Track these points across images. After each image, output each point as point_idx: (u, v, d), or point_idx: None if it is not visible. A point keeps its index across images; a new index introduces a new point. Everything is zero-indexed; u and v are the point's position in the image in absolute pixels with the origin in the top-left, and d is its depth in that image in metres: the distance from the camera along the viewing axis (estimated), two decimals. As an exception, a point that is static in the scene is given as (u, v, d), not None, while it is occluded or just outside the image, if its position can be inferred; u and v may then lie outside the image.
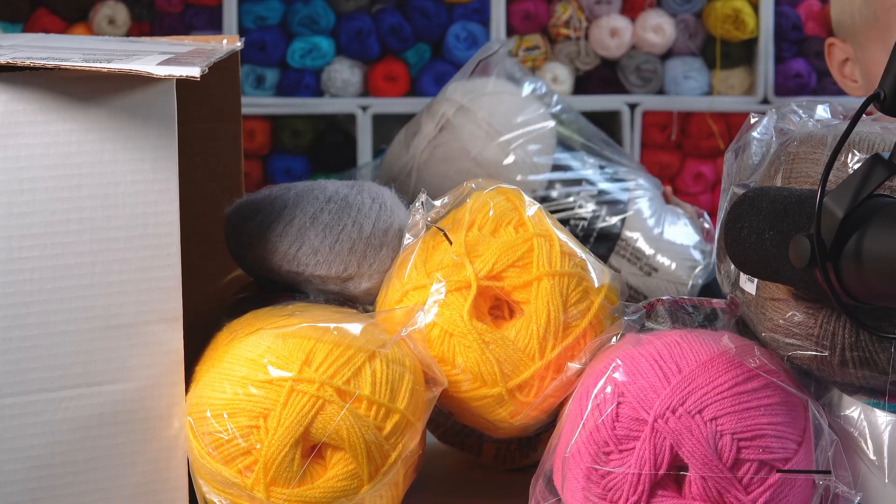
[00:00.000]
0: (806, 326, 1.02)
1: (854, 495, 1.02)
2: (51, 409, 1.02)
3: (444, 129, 1.51)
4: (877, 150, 0.99)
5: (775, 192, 0.99)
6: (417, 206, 1.16)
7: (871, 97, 0.93)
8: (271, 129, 3.45)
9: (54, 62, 0.98)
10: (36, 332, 1.01)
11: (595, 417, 1.01)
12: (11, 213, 1.00)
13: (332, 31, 3.40)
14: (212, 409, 1.04)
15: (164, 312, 1.05)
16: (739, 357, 1.03)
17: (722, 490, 0.99)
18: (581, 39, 3.22)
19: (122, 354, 1.04)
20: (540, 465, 1.07)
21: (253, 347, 1.05)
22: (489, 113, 1.52)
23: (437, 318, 1.09)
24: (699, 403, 1.00)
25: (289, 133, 3.45)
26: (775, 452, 0.99)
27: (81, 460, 1.04)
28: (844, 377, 1.03)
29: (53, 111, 1.00)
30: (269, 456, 1.02)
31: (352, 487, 1.03)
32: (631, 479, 0.99)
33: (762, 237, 0.97)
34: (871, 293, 0.92)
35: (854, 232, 0.91)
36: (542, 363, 1.08)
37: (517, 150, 1.49)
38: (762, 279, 1.04)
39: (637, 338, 1.07)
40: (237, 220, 1.19)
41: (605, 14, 3.21)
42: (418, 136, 1.53)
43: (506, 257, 1.10)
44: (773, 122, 1.12)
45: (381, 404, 1.04)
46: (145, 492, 1.07)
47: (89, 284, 1.02)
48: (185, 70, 0.98)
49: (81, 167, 1.01)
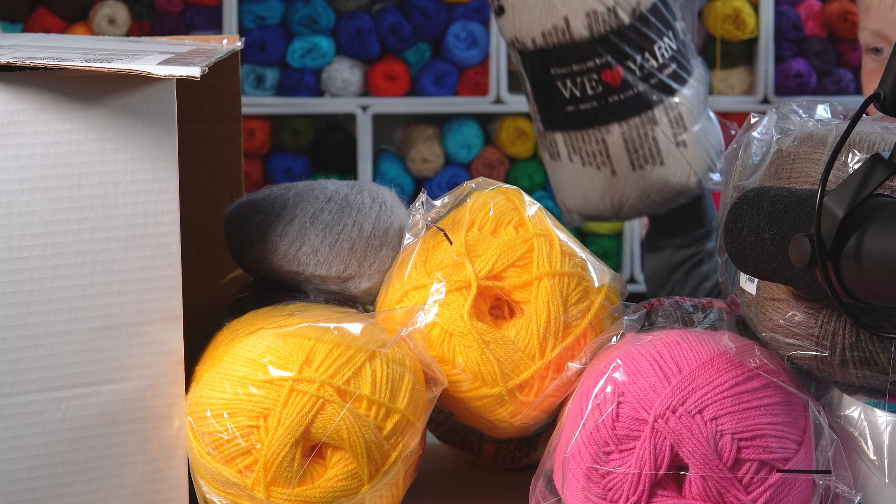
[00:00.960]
0: (806, 326, 1.02)
1: (854, 495, 1.02)
2: (51, 408, 1.03)
3: None
4: (877, 150, 0.99)
5: (775, 191, 0.99)
6: (417, 206, 1.16)
7: (872, 97, 0.93)
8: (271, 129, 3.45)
9: (55, 62, 0.98)
10: (36, 332, 1.01)
11: (595, 417, 1.01)
12: (11, 213, 1.00)
13: (332, 31, 3.40)
14: (212, 408, 1.04)
15: (164, 312, 1.05)
16: (739, 357, 1.03)
17: (722, 490, 0.99)
18: (581, 38, 3.22)
19: (122, 354, 1.04)
20: (540, 464, 1.07)
21: (253, 347, 1.05)
22: None
23: (437, 318, 1.09)
24: (699, 403, 1.00)
25: (289, 133, 3.45)
26: (775, 452, 0.99)
27: (82, 459, 1.04)
28: (845, 377, 1.03)
29: (54, 111, 1.00)
30: (269, 456, 1.02)
31: (352, 487, 1.03)
32: (631, 478, 0.99)
33: (762, 237, 0.97)
34: (872, 293, 0.92)
35: (854, 232, 0.91)
36: (542, 363, 1.08)
37: None
38: (762, 279, 1.04)
39: (637, 337, 1.07)
40: (237, 219, 1.19)
41: (605, 13, 3.22)
42: None
43: (506, 257, 1.10)
44: (773, 122, 1.12)
45: (382, 404, 1.04)
46: (145, 491, 1.07)
47: (89, 284, 1.02)
48: (185, 70, 0.98)
49: (81, 167, 1.01)
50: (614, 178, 1.52)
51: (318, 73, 3.41)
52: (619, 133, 1.50)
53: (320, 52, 3.39)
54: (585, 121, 1.51)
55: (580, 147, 1.52)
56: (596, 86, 1.49)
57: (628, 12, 1.47)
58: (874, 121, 1.06)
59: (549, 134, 1.55)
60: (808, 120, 1.12)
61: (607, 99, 1.49)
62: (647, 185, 1.52)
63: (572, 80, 1.49)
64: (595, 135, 1.51)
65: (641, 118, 1.50)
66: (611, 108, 1.50)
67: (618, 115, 1.50)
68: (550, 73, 1.50)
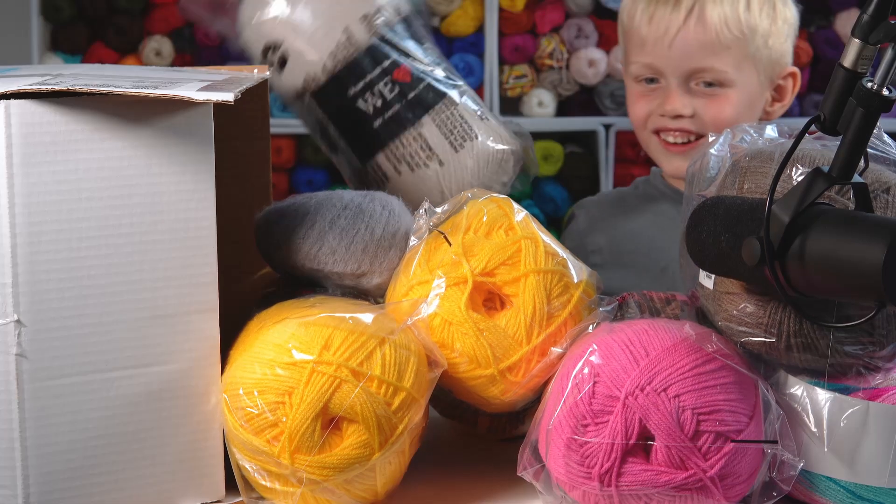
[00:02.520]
0: (756, 316, 1.02)
1: (798, 462, 1.02)
2: (105, 387, 1.02)
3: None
4: (818, 165, 0.99)
5: (730, 200, 0.99)
6: (421, 213, 1.16)
7: (813, 119, 0.93)
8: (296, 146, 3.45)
9: (108, 88, 0.98)
10: (92, 321, 1.01)
11: (574, 395, 1.01)
12: (72, 219, 1.00)
13: (348, 62, 3.39)
14: (244, 387, 1.03)
15: (202, 304, 1.05)
16: (699, 343, 1.02)
17: (684, 457, 0.98)
18: (563, 69, 3.22)
19: (166, 340, 1.04)
20: (527, 435, 1.07)
21: (279, 334, 1.05)
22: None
23: (438, 310, 1.08)
24: (664, 383, 0.99)
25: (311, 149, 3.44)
26: (730, 425, 0.99)
27: (132, 431, 1.04)
28: (790, 360, 1.03)
29: (107, 130, 1.00)
30: (293, 428, 1.02)
31: (364, 455, 1.03)
32: (605, 447, 0.99)
33: (719, 239, 0.97)
34: (813, 288, 0.92)
35: (798, 235, 0.91)
36: (528, 348, 1.08)
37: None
38: (719, 276, 1.04)
39: (611, 326, 1.07)
40: (266, 224, 1.19)
41: (583, 47, 3.21)
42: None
43: (497, 257, 1.09)
44: (728, 140, 1.12)
45: (390, 383, 1.04)
46: (187, 458, 1.06)
47: (138, 280, 1.02)
48: (220, 95, 0.98)
49: (131, 179, 1.01)
50: (445, 168, 1.39)
51: (337, 99, 3.40)
52: (431, 122, 1.38)
53: (338, 80, 3.38)
54: (398, 124, 1.38)
55: (403, 154, 1.39)
56: (392, 87, 1.38)
57: (395, 9, 1.38)
58: (815, 139, 1.06)
59: (371, 163, 1.40)
60: (758, 139, 1.11)
61: (407, 96, 1.38)
62: (475, 160, 1.39)
63: (371, 92, 1.37)
64: (411, 134, 1.38)
65: (443, 103, 1.38)
66: (414, 103, 1.38)
67: (423, 107, 1.38)
68: (349, 95, 1.38)
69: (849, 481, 1.02)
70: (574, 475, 1.01)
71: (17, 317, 0.99)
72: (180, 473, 1.06)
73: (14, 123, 0.97)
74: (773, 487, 1.01)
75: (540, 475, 1.05)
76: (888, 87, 0.90)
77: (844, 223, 0.90)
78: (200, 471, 1.07)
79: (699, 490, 0.99)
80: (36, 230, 0.99)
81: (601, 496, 1.00)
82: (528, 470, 1.05)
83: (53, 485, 1.01)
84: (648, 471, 0.99)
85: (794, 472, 1.01)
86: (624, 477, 0.99)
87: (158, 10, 3.33)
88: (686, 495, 0.99)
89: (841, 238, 0.89)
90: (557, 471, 1.03)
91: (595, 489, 1.00)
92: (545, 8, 3.26)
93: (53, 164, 0.99)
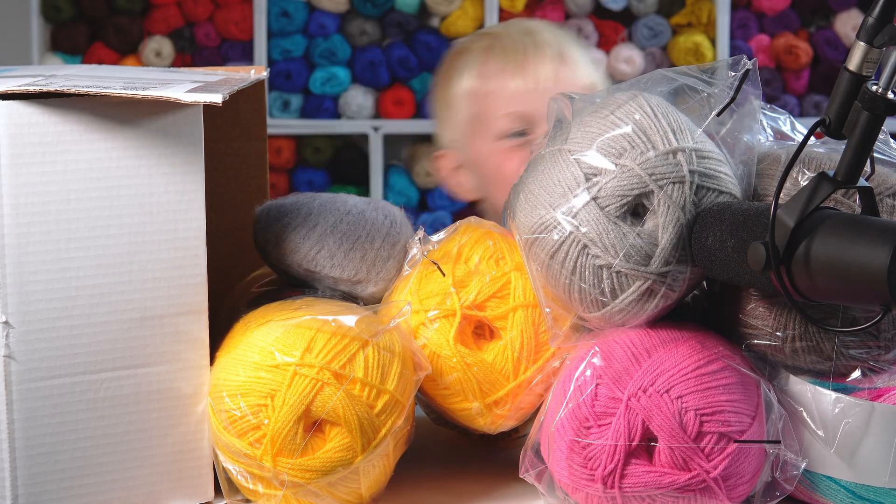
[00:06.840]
0: (762, 319, 1.02)
1: (800, 462, 1.01)
2: (94, 388, 1.02)
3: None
4: (823, 169, 0.98)
5: (736, 205, 0.98)
6: (415, 240, 1.15)
7: (819, 122, 0.92)
8: (296, 147, 3.45)
9: (97, 90, 0.98)
10: (81, 322, 1.01)
11: (577, 397, 1.01)
12: (60, 220, 1.00)
13: (348, 63, 3.40)
14: (227, 389, 1.03)
15: (191, 305, 1.05)
16: (701, 344, 1.02)
17: (687, 458, 0.98)
18: (564, 70, 3.22)
19: (155, 342, 1.04)
20: (529, 438, 1.06)
21: (263, 336, 1.04)
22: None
23: (427, 342, 1.08)
24: (667, 384, 0.99)
25: (311, 150, 3.45)
26: (733, 425, 0.99)
27: (121, 433, 1.04)
28: (794, 362, 1.03)
29: (97, 132, 1.00)
30: (275, 430, 1.01)
31: (347, 458, 1.02)
32: (608, 449, 0.99)
33: (725, 244, 0.96)
34: (818, 292, 0.91)
35: (803, 239, 0.90)
36: (515, 383, 1.07)
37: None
38: (725, 281, 1.02)
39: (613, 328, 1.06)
40: (267, 218, 1.17)
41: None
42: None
43: (487, 289, 1.09)
44: None
45: (373, 386, 1.03)
46: (176, 459, 1.06)
47: (127, 281, 1.02)
48: (209, 97, 0.98)
49: (120, 180, 1.01)
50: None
51: (336, 99, 3.41)
52: None
53: (338, 80, 3.39)
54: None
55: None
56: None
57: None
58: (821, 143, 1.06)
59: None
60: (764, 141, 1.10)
61: None
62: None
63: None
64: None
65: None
66: None
67: None
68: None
69: (849, 481, 1.02)
70: (577, 477, 1.00)
71: (5, 318, 0.99)
72: (169, 475, 1.06)
73: (3, 124, 0.97)
74: (775, 487, 1.01)
75: (542, 477, 1.04)
76: (893, 91, 0.89)
77: (850, 227, 0.89)
78: (189, 472, 1.07)
79: (703, 491, 0.98)
80: (24, 231, 0.98)
81: (604, 498, 1.00)
82: (530, 472, 1.05)
83: (42, 486, 1.01)
84: (652, 472, 0.98)
85: (797, 471, 1.01)
86: (627, 479, 0.99)
87: (158, 11, 3.33)
88: (689, 496, 0.99)
89: (846, 242, 0.88)
90: (560, 473, 1.02)
91: (598, 491, 1.00)
92: (545, 8, 3.26)
93: (42, 165, 0.99)
